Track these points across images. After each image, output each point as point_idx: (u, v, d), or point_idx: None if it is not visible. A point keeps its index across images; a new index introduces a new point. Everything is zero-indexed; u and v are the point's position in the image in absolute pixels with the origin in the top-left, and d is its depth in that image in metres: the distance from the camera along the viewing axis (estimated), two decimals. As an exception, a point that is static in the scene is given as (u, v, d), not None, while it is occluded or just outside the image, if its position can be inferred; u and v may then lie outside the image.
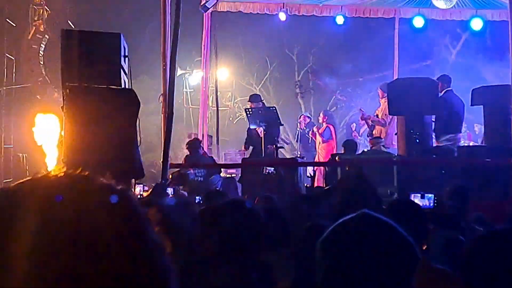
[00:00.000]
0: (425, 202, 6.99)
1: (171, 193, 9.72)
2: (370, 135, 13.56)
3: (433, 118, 11.54)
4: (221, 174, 12.85)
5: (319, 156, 15.20)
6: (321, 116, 15.99)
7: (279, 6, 15.67)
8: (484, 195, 8.80)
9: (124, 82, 8.31)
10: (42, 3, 18.35)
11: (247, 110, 13.10)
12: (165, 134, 8.93)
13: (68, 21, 17.27)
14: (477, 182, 9.06)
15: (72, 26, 16.45)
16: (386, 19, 16.93)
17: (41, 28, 18.33)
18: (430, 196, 7.08)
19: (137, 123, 7.92)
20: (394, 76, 16.24)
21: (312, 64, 25.40)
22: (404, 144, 11.19)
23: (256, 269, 3.05)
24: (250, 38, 22.86)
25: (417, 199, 6.90)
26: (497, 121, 10.57)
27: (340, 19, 15.91)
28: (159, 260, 0.93)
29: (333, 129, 15.55)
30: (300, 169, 11.47)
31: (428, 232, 4.04)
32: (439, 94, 11.44)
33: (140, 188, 9.99)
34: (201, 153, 13.03)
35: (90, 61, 7.92)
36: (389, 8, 16.34)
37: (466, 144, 14.27)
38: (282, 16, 15.71)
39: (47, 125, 13.40)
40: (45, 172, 0.98)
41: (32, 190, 0.92)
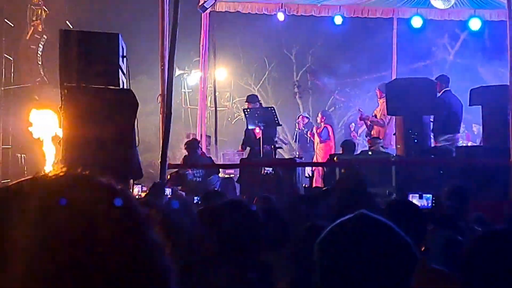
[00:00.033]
0: (423, 202, 6.99)
1: (169, 194, 9.72)
2: (369, 135, 13.56)
3: (432, 118, 11.55)
4: (220, 175, 12.85)
5: (317, 157, 15.19)
6: (319, 117, 15.99)
7: (278, 6, 15.66)
8: (483, 195, 8.80)
9: (123, 82, 8.30)
10: (40, 3, 18.33)
11: (245, 111, 13.11)
12: (164, 134, 8.93)
13: (66, 21, 17.25)
14: (476, 183, 9.05)
15: (70, 26, 16.44)
16: (385, 19, 16.91)
17: (40, 28, 18.32)
18: (428, 196, 7.09)
19: (136, 123, 7.92)
20: (393, 76, 16.22)
21: (311, 64, 25.39)
22: (403, 144, 11.19)
23: (255, 269, 3.05)
24: (249, 38, 22.85)
25: (415, 199, 6.90)
26: (496, 121, 10.56)
27: (339, 19, 15.89)
28: (159, 260, 0.93)
29: (331, 130, 15.54)
30: (299, 170, 11.47)
31: (426, 233, 4.04)
32: (438, 94, 11.45)
33: (139, 189, 9.98)
34: (200, 154, 13.03)
35: (88, 61, 7.91)
36: (388, 8, 16.33)
37: (465, 144, 14.27)
38: (281, 16, 15.70)
39: (43, 121, 13.48)
40: (45, 172, 0.98)
41: (32, 189, 0.92)
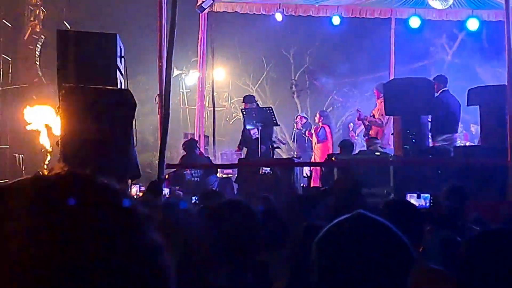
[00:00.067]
0: (421, 202, 7.00)
1: (167, 193, 9.73)
2: (367, 135, 13.56)
3: (429, 118, 11.55)
4: (218, 175, 12.85)
5: (315, 157, 15.20)
6: (317, 117, 16.00)
7: (276, 7, 15.65)
8: (481, 195, 8.80)
9: (120, 83, 8.30)
10: (38, 4, 18.34)
11: (243, 111, 13.13)
12: (161, 135, 8.92)
13: (64, 22, 17.26)
14: (474, 183, 9.05)
15: (68, 27, 16.44)
16: (383, 20, 16.90)
17: (37, 29, 18.32)
18: (426, 196, 7.10)
19: (134, 124, 7.92)
20: (391, 77, 16.20)
21: (309, 65, 25.39)
22: (401, 144, 11.20)
23: (253, 269, 3.05)
24: (247, 39, 22.85)
25: (413, 199, 6.91)
26: (494, 121, 10.56)
27: (337, 20, 15.88)
28: (159, 261, 0.93)
29: (329, 130, 15.54)
30: (297, 170, 11.46)
31: (424, 232, 4.04)
32: (435, 94, 11.45)
33: (137, 189, 9.98)
34: (198, 154, 13.03)
35: (86, 62, 7.91)
36: (385, 9, 16.32)
37: (463, 144, 14.28)
38: (279, 17, 15.69)
39: (38, 113, 13.59)
40: (44, 171, 0.98)
41: (32, 189, 0.92)
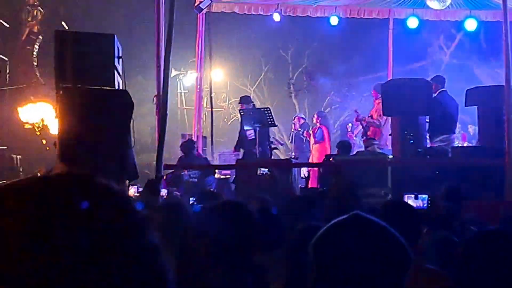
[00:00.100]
0: (419, 203, 7.00)
1: (165, 194, 9.72)
2: (365, 136, 13.56)
3: (427, 119, 11.55)
4: (216, 175, 12.85)
5: (312, 157, 15.22)
6: (315, 117, 16.03)
7: (274, 7, 15.66)
8: (478, 196, 8.81)
9: (118, 83, 8.29)
10: (36, 4, 18.33)
11: (241, 112, 13.15)
12: (159, 135, 8.91)
13: (62, 22, 17.25)
14: (471, 183, 9.06)
15: (66, 27, 16.44)
16: (380, 20, 16.91)
17: (35, 29, 18.32)
18: (424, 197, 7.10)
19: (131, 124, 7.91)
20: (389, 77, 16.21)
21: (307, 65, 25.39)
22: (398, 145, 11.20)
23: (250, 271, 3.04)
24: (245, 39, 22.85)
25: (411, 200, 6.91)
26: (491, 122, 10.57)
27: (335, 20, 15.88)
28: (157, 262, 0.92)
29: (326, 130, 15.55)
30: (295, 170, 11.47)
31: (421, 233, 4.04)
32: (433, 95, 11.45)
33: (135, 189, 9.98)
34: (195, 154, 13.03)
35: (84, 62, 7.90)
36: (383, 9, 16.33)
37: (460, 145, 14.29)
38: (277, 17, 15.68)
39: (33, 109, 13.69)
40: (43, 172, 0.97)
41: (30, 189, 0.91)
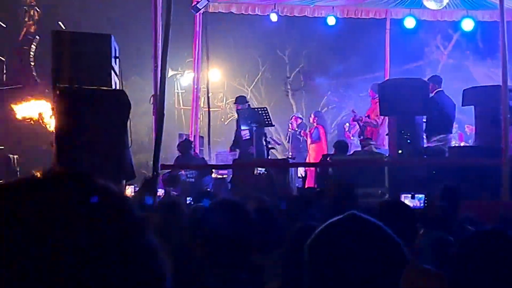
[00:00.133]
0: (415, 203, 7.01)
1: (162, 194, 9.71)
2: (362, 135, 13.56)
3: (424, 119, 11.55)
4: (213, 175, 12.84)
5: (309, 157, 15.24)
6: (312, 117, 16.05)
7: (271, 7, 15.65)
8: (475, 196, 8.82)
9: (115, 83, 8.28)
10: (33, 4, 18.32)
11: (238, 112, 13.17)
12: (156, 135, 8.91)
13: (59, 22, 17.23)
14: (468, 183, 9.06)
15: (63, 27, 16.42)
16: (378, 20, 16.90)
17: (32, 29, 18.30)
18: (421, 197, 7.10)
19: (128, 124, 7.90)
20: (386, 77, 16.21)
21: (304, 65, 25.38)
22: (395, 145, 11.20)
23: (246, 270, 3.04)
24: (242, 39, 22.84)
25: (407, 200, 6.92)
26: (488, 122, 10.58)
27: (332, 20, 15.87)
28: (155, 263, 0.92)
29: (323, 130, 15.56)
30: (292, 170, 11.47)
31: (418, 233, 4.04)
32: (430, 95, 11.46)
33: (132, 190, 9.96)
34: (192, 154, 13.03)
35: (81, 62, 7.89)
36: (381, 9, 16.33)
37: (457, 145, 14.29)
38: (274, 17, 15.67)
39: (28, 109, 13.72)
40: (39, 172, 0.97)
41: (28, 189, 0.91)
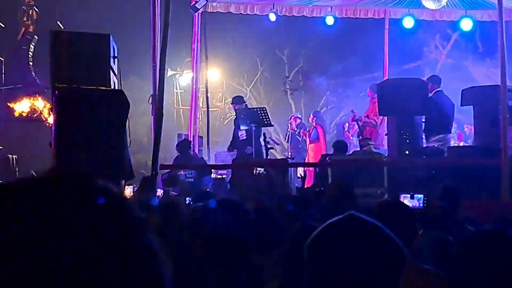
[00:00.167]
0: (414, 203, 7.01)
1: (161, 194, 9.71)
2: (361, 135, 13.57)
3: (423, 119, 11.56)
4: (212, 175, 12.84)
5: (308, 157, 15.26)
6: (311, 117, 16.10)
7: (269, 7, 15.65)
8: (475, 196, 8.82)
9: (114, 83, 8.28)
10: (31, 4, 18.32)
11: (237, 112, 13.18)
12: (155, 135, 8.91)
13: (58, 22, 17.23)
14: (467, 183, 9.07)
15: (62, 27, 16.42)
16: (376, 20, 16.90)
17: (31, 29, 18.31)
18: (420, 197, 7.10)
19: (127, 124, 7.90)
20: (384, 77, 16.21)
21: (303, 65, 25.39)
22: (395, 145, 11.20)
23: (245, 270, 3.04)
24: (241, 39, 22.85)
25: (407, 200, 6.92)
26: (487, 122, 10.59)
27: (330, 20, 15.88)
28: (154, 264, 0.91)
29: (321, 130, 15.59)
30: (291, 170, 11.47)
31: (417, 233, 4.04)
32: (429, 95, 11.46)
33: (130, 189, 9.95)
34: (192, 154, 13.03)
35: (79, 62, 7.88)
36: (379, 9, 16.33)
37: (456, 145, 14.30)
38: (272, 17, 15.67)
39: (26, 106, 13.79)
40: (38, 172, 0.97)
41: (27, 189, 0.90)
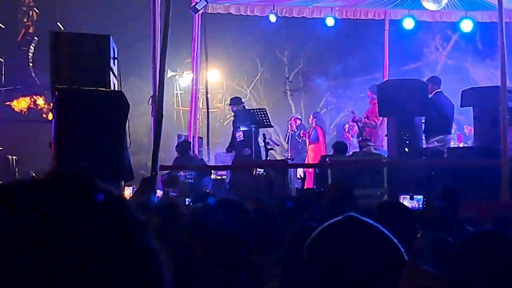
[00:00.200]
0: (414, 204, 7.00)
1: (161, 195, 9.71)
2: (361, 136, 13.57)
3: (423, 120, 11.56)
4: (212, 176, 12.84)
5: (308, 158, 15.27)
6: (311, 118, 16.12)
7: (270, 8, 15.66)
8: (474, 196, 8.83)
9: (114, 84, 8.28)
10: (31, 5, 18.32)
11: (236, 113, 13.19)
12: (155, 136, 8.91)
13: (57, 23, 17.23)
14: (467, 183, 9.08)
15: (62, 28, 16.42)
16: (376, 21, 16.89)
17: (31, 30, 18.31)
18: (419, 198, 7.10)
19: (127, 125, 7.90)
20: (384, 78, 16.20)
21: (303, 66, 25.37)
22: (394, 146, 11.20)
23: (245, 271, 3.04)
24: (241, 40, 22.84)
25: (406, 201, 6.91)
26: (487, 122, 10.59)
27: (331, 21, 15.88)
28: (154, 266, 0.91)
29: (321, 131, 15.61)
30: (290, 171, 11.47)
31: (416, 234, 4.04)
32: (429, 96, 11.46)
33: (130, 190, 9.95)
34: (191, 155, 13.03)
35: (79, 63, 7.88)
36: (379, 10, 16.32)
37: (456, 146, 14.31)
38: (273, 18, 15.68)
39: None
40: (37, 174, 0.97)
41: (27, 190, 0.90)
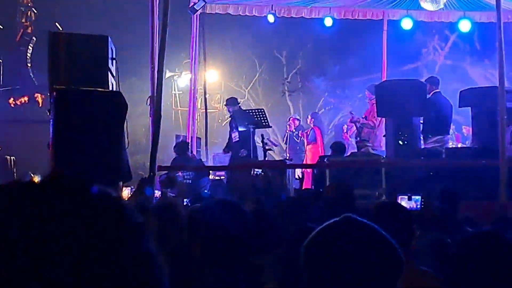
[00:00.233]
0: (412, 204, 7.00)
1: (159, 195, 9.70)
2: (359, 137, 13.57)
3: (421, 120, 11.57)
4: (210, 177, 12.84)
5: (306, 158, 15.27)
6: (309, 118, 16.12)
7: (268, 8, 15.65)
8: (473, 196, 8.83)
9: (112, 85, 8.28)
10: (30, 5, 18.31)
11: (234, 113, 13.17)
12: (153, 136, 8.91)
13: (56, 23, 17.22)
14: (465, 184, 9.08)
15: (60, 28, 16.41)
16: (375, 21, 16.88)
17: (29, 30, 18.30)
18: (417, 198, 7.10)
19: (125, 126, 7.90)
20: (383, 78, 16.21)
21: (301, 66, 25.36)
22: (392, 146, 11.21)
23: (244, 271, 3.04)
24: (239, 40, 22.84)
25: (404, 202, 6.92)
26: (485, 123, 10.60)
27: (329, 21, 15.88)
28: (152, 269, 0.91)
29: (319, 132, 15.60)
30: (289, 171, 11.47)
31: (414, 234, 4.04)
32: (427, 96, 11.47)
33: (128, 191, 9.94)
34: (190, 156, 13.02)
35: (78, 64, 7.88)
36: (378, 10, 16.32)
37: (454, 146, 14.32)
38: (271, 18, 15.67)
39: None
40: (34, 176, 0.97)
41: (24, 191, 0.90)
